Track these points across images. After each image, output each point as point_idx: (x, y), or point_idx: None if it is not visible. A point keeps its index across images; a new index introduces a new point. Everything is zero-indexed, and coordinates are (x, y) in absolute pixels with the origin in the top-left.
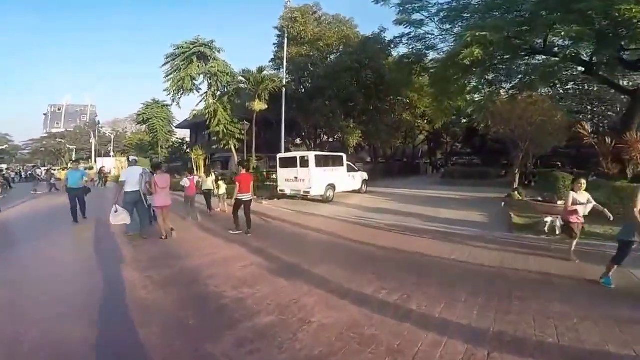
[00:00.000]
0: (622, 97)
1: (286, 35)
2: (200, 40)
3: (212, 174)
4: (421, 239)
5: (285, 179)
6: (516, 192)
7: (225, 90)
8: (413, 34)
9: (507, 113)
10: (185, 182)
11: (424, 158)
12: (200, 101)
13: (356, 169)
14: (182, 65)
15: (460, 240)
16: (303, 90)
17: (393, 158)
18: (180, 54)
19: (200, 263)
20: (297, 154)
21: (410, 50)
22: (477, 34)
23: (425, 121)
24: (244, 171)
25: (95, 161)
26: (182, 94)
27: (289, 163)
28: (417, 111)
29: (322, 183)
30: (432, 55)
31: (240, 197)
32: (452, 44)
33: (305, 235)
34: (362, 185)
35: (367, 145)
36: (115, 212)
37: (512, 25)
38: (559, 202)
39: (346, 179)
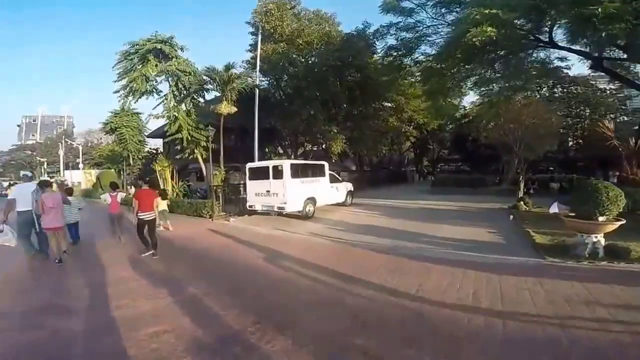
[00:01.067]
0: (610, 99)
1: (260, 30)
2: (158, 36)
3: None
4: (427, 274)
5: (256, 192)
6: (522, 202)
7: (188, 92)
8: (402, 23)
9: (502, 115)
10: (105, 197)
11: (409, 165)
12: (159, 104)
13: (340, 179)
14: (137, 64)
15: (480, 272)
16: (282, 94)
17: (379, 166)
18: (135, 51)
19: (90, 324)
20: (270, 163)
21: (399, 42)
22: (488, 11)
23: (412, 126)
24: (146, 186)
25: (63, 174)
26: (137, 97)
27: (260, 174)
28: (404, 115)
29: (299, 197)
30: (423, 48)
31: (141, 217)
32: (446, 36)
33: (268, 274)
34: (346, 197)
35: (352, 153)
36: (1, 231)
37: (520, 8)
38: (601, 219)
39: (328, 190)
